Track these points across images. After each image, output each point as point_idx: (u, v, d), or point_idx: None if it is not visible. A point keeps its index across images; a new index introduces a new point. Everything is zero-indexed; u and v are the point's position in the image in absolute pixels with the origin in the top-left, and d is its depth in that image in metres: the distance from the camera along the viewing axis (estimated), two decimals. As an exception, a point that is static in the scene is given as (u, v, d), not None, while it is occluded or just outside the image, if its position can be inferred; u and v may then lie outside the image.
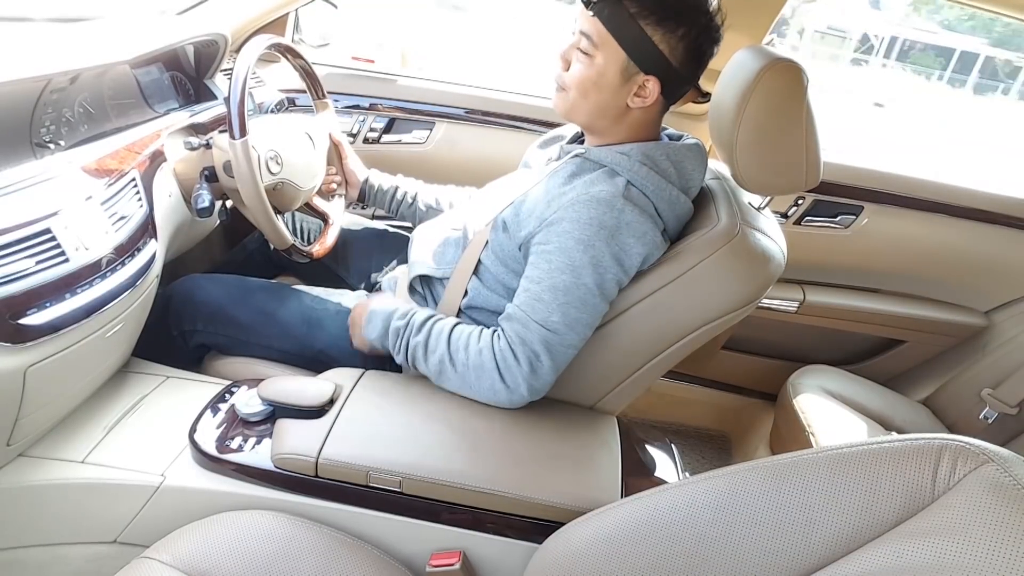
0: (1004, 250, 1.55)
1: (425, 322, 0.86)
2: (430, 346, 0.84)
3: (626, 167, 0.84)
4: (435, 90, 1.54)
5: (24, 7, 0.93)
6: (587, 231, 0.79)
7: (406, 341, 0.86)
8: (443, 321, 0.87)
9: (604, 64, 0.82)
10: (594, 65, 0.83)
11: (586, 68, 0.83)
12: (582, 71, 0.84)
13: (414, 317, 0.87)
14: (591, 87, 0.84)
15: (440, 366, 0.84)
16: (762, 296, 0.86)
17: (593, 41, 0.82)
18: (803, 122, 0.82)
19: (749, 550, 0.50)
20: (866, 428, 1.35)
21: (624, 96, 0.84)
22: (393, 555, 0.76)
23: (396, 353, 0.87)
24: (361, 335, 0.91)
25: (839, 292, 1.59)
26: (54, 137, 0.83)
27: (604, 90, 0.84)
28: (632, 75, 0.83)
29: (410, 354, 0.86)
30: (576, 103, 0.86)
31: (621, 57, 0.81)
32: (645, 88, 0.83)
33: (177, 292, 1.02)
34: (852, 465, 0.48)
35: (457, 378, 0.83)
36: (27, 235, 0.66)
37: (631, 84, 0.83)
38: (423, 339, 0.85)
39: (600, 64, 0.82)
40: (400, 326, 0.87)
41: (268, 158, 0.96)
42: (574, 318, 0.80)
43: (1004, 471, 0.41)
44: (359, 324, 0.92)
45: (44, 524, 0.78)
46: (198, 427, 0.81)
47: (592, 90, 0.84)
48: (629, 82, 0.83)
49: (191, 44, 1.10)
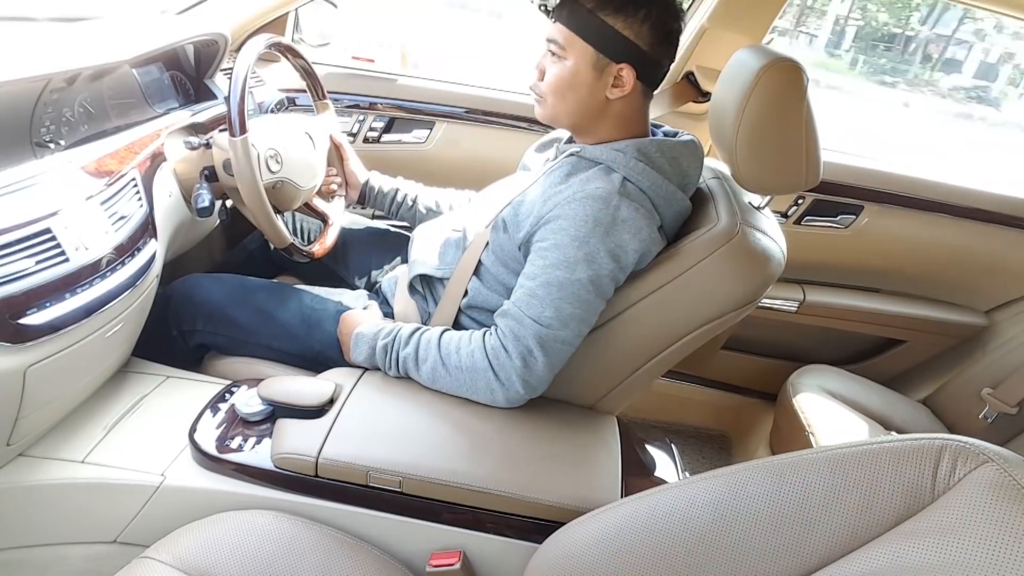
0: (1004, 250, 1.55)
1: (412, 334, 0.87)
2: (420, 355, 0.85)
3: (621, 163, 0.84)
4: (435, 90, 1.54)
5: (26, 7, 0.93)
6: (582, 228, 0.79)
7: (395, 355, 0.87)
8: (431, 331, 0.87)
9: (575, 63, 0.84)
10: (566, 67, 0.84)
11: (560, 71, 0.85)
12: (556, 74, 0.86)
13: (400, 332, 0.88)
14: (566, 88, 0.85)
15: (433, 373, 0.84)
16: (762, 296, 0.86)
17: (560, 44, 0.84)
18: (803, 122, 0.82)
19: (749, 550, 0.50)
20: (866, 428, 1.35)
21: (602, 90, 0.85)
22: (393, 555, 0.76)
23: (387, 369, 0.88)
24: (350, 357, 0.91)
25: (839, 292, 1.59)
26: (54, 137, 0.83)
27: (580, 87, 0.85)
28: (604, 67, 0.84)
29: (402, 367, 0.86)
30: (556, 107, 0.88)
31: (589, 52, 0.83)
32: (620, 77, 0.84)
33: (177, 292, 1.02)
34: (852, 465, 0.48)
35: (452, 381, 0.84)
36: (27, 235, 0.66)
37: (606, 76, 0.84)
38: (412, 350, 0.85)
39: (571, 64, 0.84)
40: (387, 343, 0.87)
41: (268, 156, 0.96)
42: (568, 314, 0.80)
43: (1004, 471, 0.41)
44: (347, 345, 0.92)
45: (44, 524, 0.78)
46: (198, 427, 0.81)
47: (568, 91, 0.86)
48: (603, 74, 0.84)
49: (191, 44, 1.10)
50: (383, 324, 0.91)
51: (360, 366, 0.90)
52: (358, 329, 0.91)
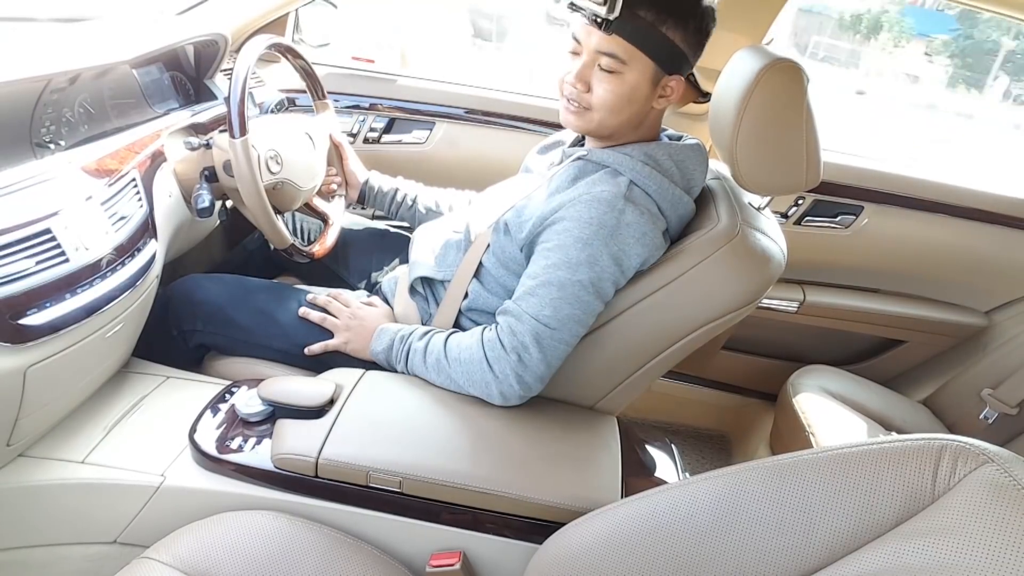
0: (1004, 250, 1.54)
1: (425, 334, 0.90)
2: (428, 349, 0.87)
3: (628, 167, 0.84)
4: (435, 90, 1.54)
5: (26, 7, 0.93)
6: (587, 230, 0.79)
7: (407, 347, 0.89)
8: (444, 331, 0.90)
9: (636, 78, 0.82)
10: (625, 82, 0.82)
11: (617, 86, 0.83)
12: (614, 90, 0.83)
13: (416, 330, 0.91)
14: (624, 103, 0.84)
15: (437, 365, 0.86)
16: (762, 296, 0.86)
17: (620, 59, 0.81)
18: (803, 122, 0.82)
19: (749, 550, 0.50)
20: (866, 428, 1.35)
21: (651, 101, 0.86)
22: (393, 555, 0.76)
23: (397, 363, 0.90)
24: (368, 348, 0.94)
25: (839, 292, 1.59)
26: (54, 137, 0.83)
27: (635, 103, 0.85)
28: (659, 79, 0.84)
29: (410, 360, 0.89)
30: (604, 121, 0.86)
31: (650, 67, 0.82)
32: (668, 88, 0.85)
33: (177, 292, 1.02)
34: (852, 465, 0.48)
35: (451, 373, 0.85)
36: (27, 235, 0.66)
37: (659, 88, 0.85)
38: (423, 345, 0.88)
39: (632, 79, 0.82)
40: (405, 335, 0.91)
41: (268, 157, 0.96)
42: (566, 314, 0.80)
43: (1004, 471, 0.41)
44: (366, 338, 0.95)
45: (44, 524, 0.78)
46: (198, 427, 0.81)
47: (626, 106, 0.84)
48: (657, 87, 0.85)
49: (191, 44, 1.10)
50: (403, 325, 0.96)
51: (369, 361, 0.93)
52: (384, 324, 0.95)
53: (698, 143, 0.91)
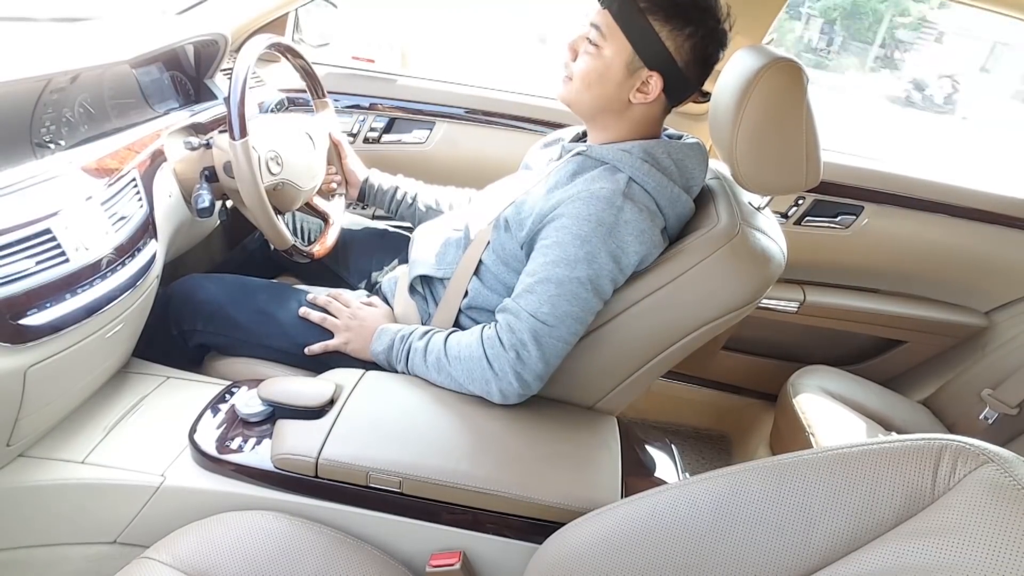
0: (1004, 250, 1.54)
1: (425, 333, 0.90)
2: (428, 348, 0.87)
3: (628, 164, 0.84)
4: (435, 90, 1.54)
5: (26, 7, 0.93)
6: (585, 227, 0.80)
7: (408, 346, 0.89)
8: (442, 331, 0.90)
9: (611, 56, 0.83)
10: (601, 57, 0.84)
11: (593, 59, 0.85)
12: (589, 62, 0.85)
13: (416, 330, 0.92)
14: (595, 79, 0.85)
15: (438, 363, 0.86)
16: (762, 296, 0.86)
17: (602, 32, 0.83)
18: (803, 122, 0.82)
19: (749, 550, 0.50)
20: (866, 428, 1.35)
21: (626, 91, 0.85)
22: (393, 555, 0.76)
23: (397, 362, 0.90)
24: (368, 348, 0.94)
25: (839, 292, 1.59)
26: (54, 137, 0.83)
27: (607, 83, 0.85)
28: (636, 70, 0.83)
29: (410, 360, 0.89)
30: (579, 93, 0.87)
31: (627, 50, 0.82)
32: (647, 84, 0.84)
33: (177, 292, 1.02)
34: (852, 465, 0.48)
35: (451, 371, 0.85)
36: (27, 235, 0.66)
37: (634, 79, 0.84)
38: (423, 345, 0.88)
39: (607, 56, 0.84)
40: (405, 334, 0.91)
41: (268, 158, 0.96)
42: (564, 311, 0.80)
43: (1004, 471, 0.41)
44: (367, 338, 0.95)
45: (44, 524, 0.78)
46: (198, 427, 0.81)
47: (596, 82, 0.85)
48: (632, 77, 0.84)
49: (191, 44, 1.10)
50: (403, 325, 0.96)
51: (369, 361, 0.93)
52: (385, 324, 0.95)
53: (698, 142, 0.91)
